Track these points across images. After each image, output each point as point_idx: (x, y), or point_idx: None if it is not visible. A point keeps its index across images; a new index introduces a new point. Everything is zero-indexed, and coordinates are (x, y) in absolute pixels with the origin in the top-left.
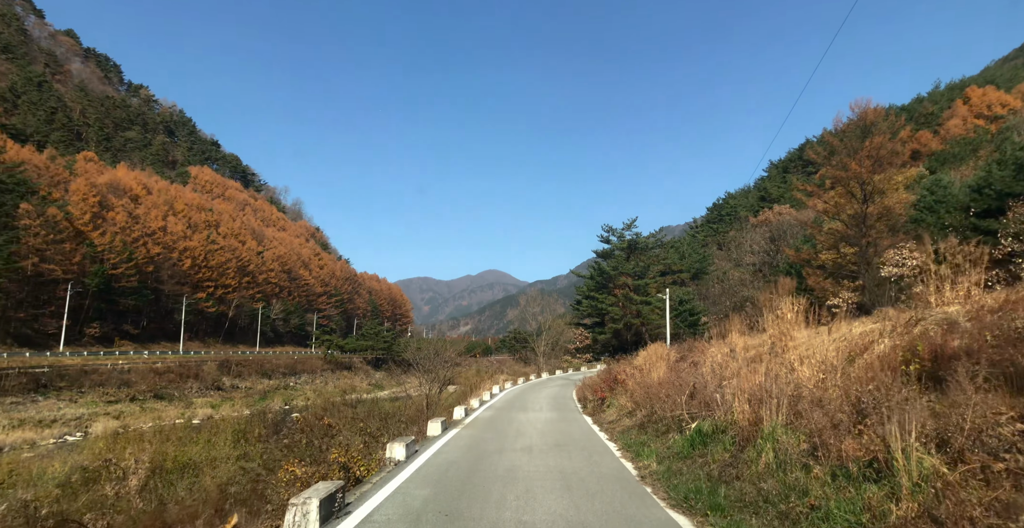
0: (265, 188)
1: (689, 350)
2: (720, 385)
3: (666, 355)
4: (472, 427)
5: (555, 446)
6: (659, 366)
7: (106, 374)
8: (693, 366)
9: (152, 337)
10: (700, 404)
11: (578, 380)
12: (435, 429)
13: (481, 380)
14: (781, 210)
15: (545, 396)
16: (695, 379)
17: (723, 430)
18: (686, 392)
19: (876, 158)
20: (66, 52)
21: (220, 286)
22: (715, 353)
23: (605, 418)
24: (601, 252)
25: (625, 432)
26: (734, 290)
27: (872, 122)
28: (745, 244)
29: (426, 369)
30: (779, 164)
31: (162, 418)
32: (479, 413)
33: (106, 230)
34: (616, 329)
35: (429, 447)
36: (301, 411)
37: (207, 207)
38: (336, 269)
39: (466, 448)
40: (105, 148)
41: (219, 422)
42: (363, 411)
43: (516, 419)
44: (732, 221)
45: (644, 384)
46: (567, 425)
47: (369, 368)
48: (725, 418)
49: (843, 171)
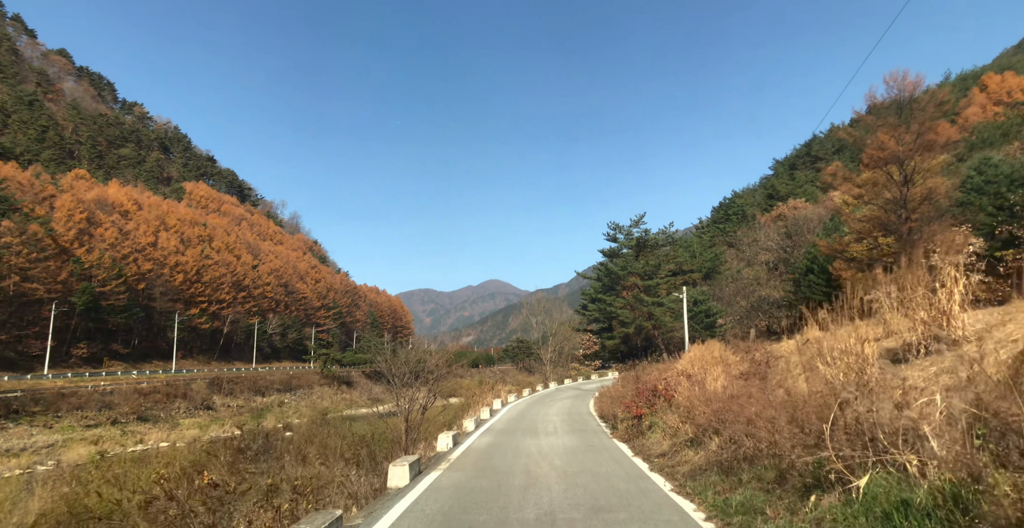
0: (262, 202)
1: (747, 350)
2: (902, 402)
3: (721, 357)
4: (459, 467)
5: (593, 512)
6: (714, 371)
7: (85, 397)
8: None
9: (144, 356)
10: (855, 435)
11: (592, 390)
12: (400, 477)
13: (482, 392)
14: (796, 204)
15: (557, 412)
16: (846, 392)
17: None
18: (822, 413)
19: (919, 134)
20: (59, 71)
21: (214, 302)
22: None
23: (650, 446)
24: (608, 251)
25: (697, 476)
26: (750, 289)
27: (911, 94)
28: (760, 241)
29: (404, 383)
30: (785, 161)
31: (145, 441)
32: (474, 440)
33: (94, 247)
34: (626, 334)
35: (380, 520)
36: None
37: (201, 221)
38: (335, 282)
39: (440, 524)
40: (98, 165)
41: (178, 450)
42: (323, 437)
43: (523, 449)
44: (740, 220)
45: (705, 398)
46: (598, 459)
47: (369, 382)
48: (940, 474)
49: (880, 150)
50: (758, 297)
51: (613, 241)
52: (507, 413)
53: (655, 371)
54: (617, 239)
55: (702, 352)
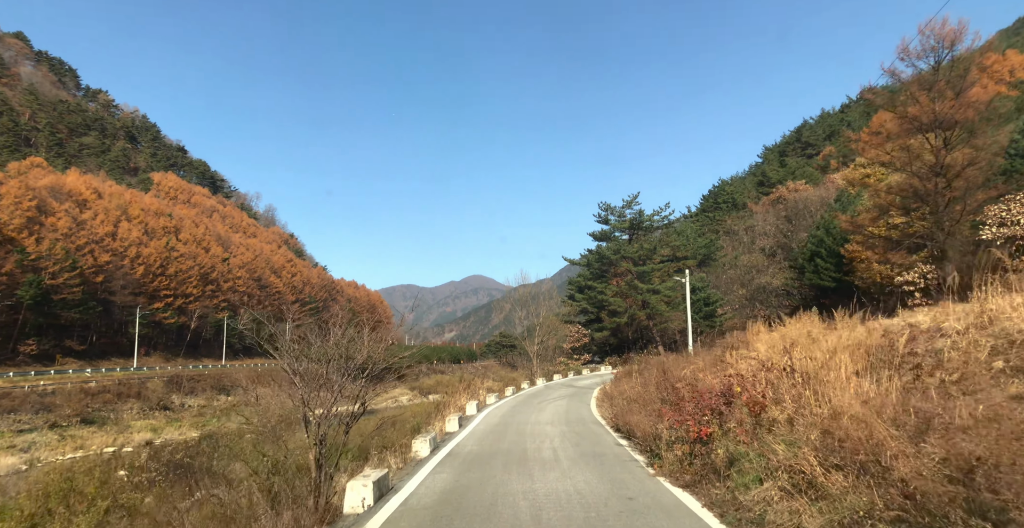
0: (235, 194)
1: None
2: None
3: (834, 342)
4: None
5: None
6: (841, 358)
7: (20, 398)
8: None
9: (102, 353)
10: None
11: (588, 387)
12: None
13: (454, 393)
14: (796, 186)
15: (553, 420)
16: None
17: None
18: None
19: (959, 90)
20: (15, 55)
21: (180, 296)
22: None
23: (749, 505)
24: (599, 234)
25: None
26: (748, 278)
27: (952, 46)
28: (757, 226)
29: (319, 384)
30: (775, 148)
31: (86, 447)
32: (421, 480)
33: (44, 236)
34: (617, 324)
35: None
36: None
37: (166, 212)
38: (312, 276)
39: None
40: (57, 154)
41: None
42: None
43: (506, 511)
44: (731, 208)
45: (860, 416)
46: None
47: None
48: None
49: (914, 105)
50: (756, 285)
51: (604, 223)
52: (483, 422)
53: (680, 364)
54: (609, 221)
55: (797, 328)
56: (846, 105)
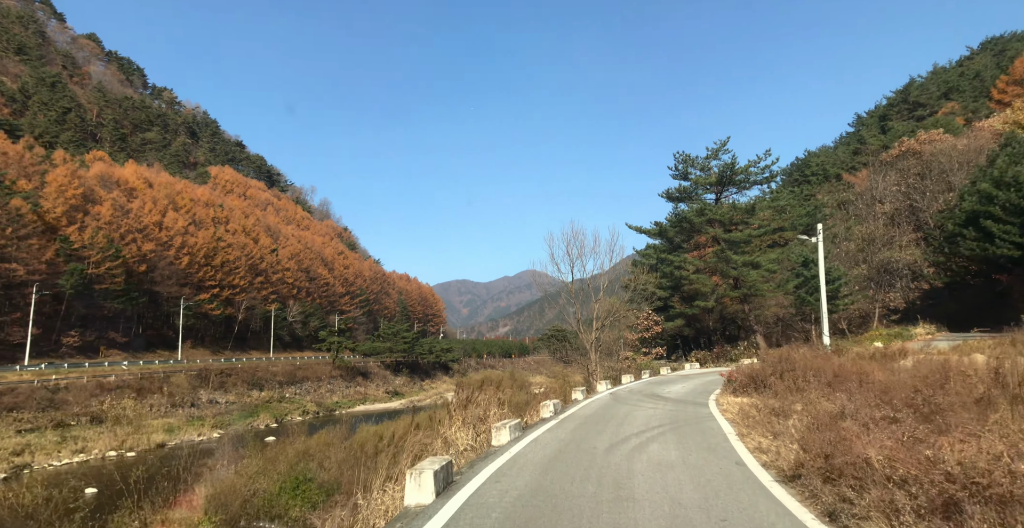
0: (291, 188)
1: None
2: None
3: None
4: None
5: None
6: None
7: (25, 394)
8: None
9: (149, 345)
10: None
11: (692, 400)
12: None
13: (441, 423)
14: (931, 136)
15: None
16: None
17: None
18: None
19: None
20: (87, 55)
21: (227, 286)
22: None
23: None
24: (675, 192)
25: None
26: (869, 252)
27: None
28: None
29: None
30: (874, 112)
31: (88, 450)
32: None
33: (87, 225)
34: (704, 308)
35: None
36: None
37: (217, 203)
38: (363, 268)
39: None
40: (119, 148)
41: None
42: None
43: None
44: (822, 181)
45: None
46: None
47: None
48: None
49: None
50: (879, 261)
51: (684, 178)
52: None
53: None
54: (688, 176)
55: None
56: (966, 57)
